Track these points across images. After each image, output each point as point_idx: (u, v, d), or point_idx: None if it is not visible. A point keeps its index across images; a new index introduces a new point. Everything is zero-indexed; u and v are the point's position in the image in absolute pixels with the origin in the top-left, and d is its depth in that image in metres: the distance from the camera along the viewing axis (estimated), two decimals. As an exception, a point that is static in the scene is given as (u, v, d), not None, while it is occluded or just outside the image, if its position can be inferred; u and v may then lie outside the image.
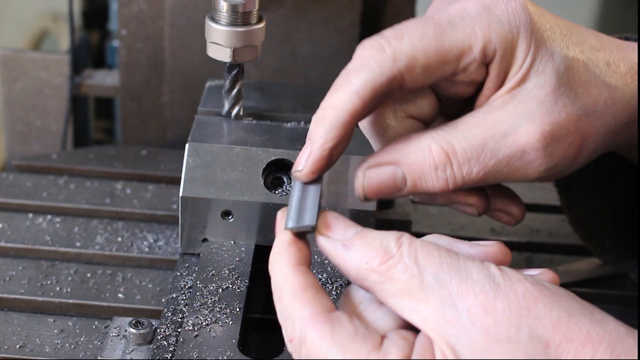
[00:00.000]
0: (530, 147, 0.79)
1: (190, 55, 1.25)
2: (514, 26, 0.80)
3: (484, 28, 0.80)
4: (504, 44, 0.80)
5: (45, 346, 0.93)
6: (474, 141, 0.79)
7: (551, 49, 0.81)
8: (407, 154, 0.80)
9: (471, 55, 0.80)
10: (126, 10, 1.25)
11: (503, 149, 0.79)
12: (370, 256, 0.74)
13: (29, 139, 1.33)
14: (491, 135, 0.79)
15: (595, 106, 0.81)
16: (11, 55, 1.30)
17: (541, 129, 0.79)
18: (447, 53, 0.79)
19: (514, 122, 0.79)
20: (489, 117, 0.80)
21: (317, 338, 0.72)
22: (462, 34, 0.80)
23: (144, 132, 1.31)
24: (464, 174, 0.80)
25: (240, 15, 0.97)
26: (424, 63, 0.79)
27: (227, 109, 1.02)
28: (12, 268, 1.03)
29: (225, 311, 0.89)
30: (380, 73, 0.78)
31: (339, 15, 1.23)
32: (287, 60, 1.25)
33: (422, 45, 0.79)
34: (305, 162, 0.80)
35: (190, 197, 0.96)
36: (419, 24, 0.80)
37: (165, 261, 1.05)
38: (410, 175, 0.80)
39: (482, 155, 0.79)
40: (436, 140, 0.80)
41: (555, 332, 0.70)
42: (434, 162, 0.79)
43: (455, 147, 0.79)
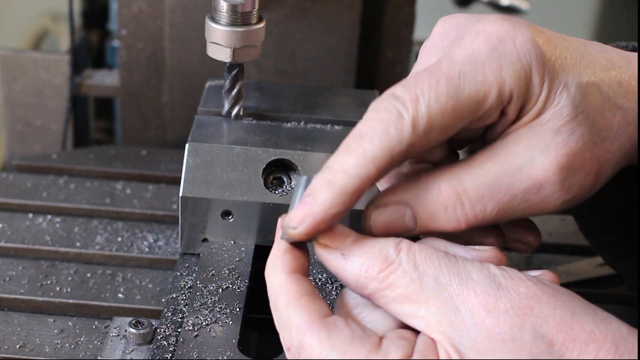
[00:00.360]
0: (547, 181, 0.76)
1: (190, 55, 1.25)
2: (525, 62, 0.77)
3: (495, 72, 0.76)
4: (518, 83, 0.76)
5: (45, 346, 0.93)
6: (486, 178, 0.76)
7: (565, 79, 0.77)
8: (415, 194, 0.77)
9: (487, 104, 0.76)
10: (126, 10, 1.25)
11: (518, 184, 0.76)
12: (370, 264, 0.74)
13: (29, 139, 1.33)
14: (504, 170, 0.76)
15: (609, 131, 0.79)
16: (11, 55, 1.30)
17: (557, 161, 0.76)
18: (463, 109, 0.75)
19: (528, 155, 0.76)
20: (501, 151, 0.77)
21: (315, 344, 0.72)
22: (475, 85, 0.76)
23: (144, 132, 1.31)
24: (477, 213, 0.77)
25: (240, 15, 0.97)
26: (442, 124, 0.75)
27: (227, 109, 1.02)
28: (12, 268, 1.03)
29: (225, 311, 0.89)
30: (400, 141, 0.74)
31: (339, 15, 1.23)
32: (287, 60, 1.25)
33: (439, 106, 0.75)
34: (302, 221, 0.75)
35: (190, 197, 0.96)
36: (431, 81, 0.75)
37: (165, 261, 1.05)
38: (420, 215, 0.77)
39: (496, 192, 0.76)
40: (446, 180, 0.77)
41: (559, 331, 0.69)
42: (443, 202, 0.76)
43: (466, 185, 0.76)
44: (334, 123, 1.02)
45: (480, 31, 0.78)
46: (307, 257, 0.78)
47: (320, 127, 1.01)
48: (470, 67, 0.76)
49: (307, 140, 0.98)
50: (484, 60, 0.76)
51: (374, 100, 0.77)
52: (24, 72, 1.30)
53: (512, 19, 0.79)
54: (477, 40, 0.77)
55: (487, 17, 0.80)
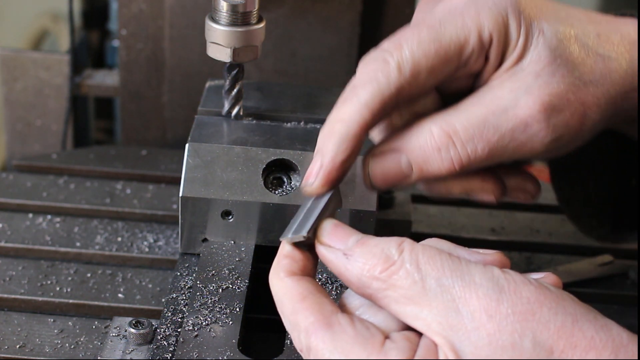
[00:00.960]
0: (532, 119, 0.80)
1: (190, 55, 1.25)
2: (501, 8, 0.81)
3: (473, 17, 0.81)
4: (496, 27, 0.81)
5: (45, 346, 0.93)
6: (475, 119, 0.80)
7: (540, 25, 0.82)
8: (408, 140, 0.81)
9: (469, 46, 0.81)
10: (126, 10, 1.25)
11: (505, 123, 0.80)
12: (372, 264, 0.74)
13: (29, 139, 1.33)
14: (491, 111, 0.80)
15: (592, 76, 0.82)
16: (11, 55, 1.30)
17: (541, 100, 0.80)
18: (446, 52, 0.80)
19: (513, 96, 0.81)
20: (487, 95, 0.82)
21: (320, 345, 0.73)
22: (455, 29, 0.81)
23: (144, 132, 1.31)
24: (468, 152, 0.80)
25: (240, 15, 0.97)
26: (428, 67, 0.80)
27: (227, 109, 1.02)
28: (12, 268, 1.03)
29: (225, 311, 0.89)
30: (388, 84, 0.79)
31: (339, 15, 1.23)
32: (287, 60, 1.25)
33: (422, 50, 0.80)
34: (316, 176, 0.80)
35: (190, 197, 0.96)
36: (413, 30, 0.81)
37: (165, 261, 1.05)
38: (414, 160, 0.81)
39: (485, 132, 0.80)
40: (436, 123, 0.81)
41: (559, 338, 0.69)
42: (435, 144, 0.80)
43: (456, 126, 0.80)
44: (334, 123, 1.02)
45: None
46: (310, 259, 0.78)
47: (320, 127, 1.01)
48: (450, 16, 0.82)
49: (307, 140, 0.98)
50: (462, 8, 0.82)
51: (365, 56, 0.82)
52: (24, 72, 1.30)
53: None
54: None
55: None
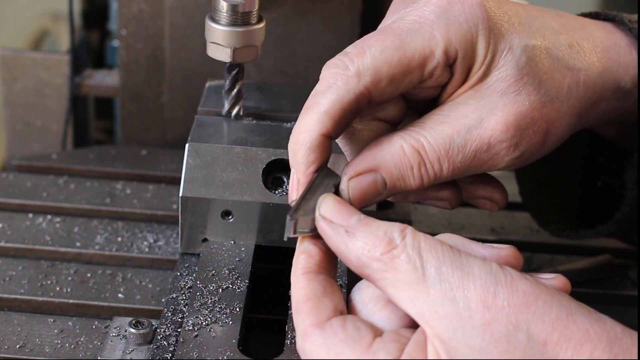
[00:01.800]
0: (495, 139, 0.80)
1: (190, 55, 1.25)
2: (472, 25, 0.81)
3: (442, 31, 0.81)
4: (464, 44, 0.81)
5: (45, 346, 0.93)
6: (441, 139, 0.81)
7: (510, 42, 0.82)
8: (383, 159, 0.81)
9: (434, 60, 0.80)
10: (126, 10, 1.25)
11: (469, 144, 0.81)
12: (373, 244, 0.74)
13: (29, 139, 1.33)
14: (456, 131, 0.81)
15: (559, 91, 0.83)
16: (11, 55, 1.30)
17: (505, 121, 0.80)
18: (409, 62, 0.80)
19: (477, 116, 0.81)
20: (452, 113, 0.82)
21: (313, 348, 0.75)
22: (422, 40, 0.80)
23: (143, 132, 1.31)
24: (435, 171, 0.81)
25: (240, 15, 0.97)
26: (389, 75, 0.80)
27: (227, 109, 1.02)
28: (12, 268, 1.03)
29: (225, 311, 0.89)
30: (347, 91, 0.79)
31: (339, 16, 1.23)
32: (287, 60, 1.25)
33: (384, 57, 0.80)
34: (293, 188, 0.81)
35: (190, 197, 0.96)
36: (379, 37, 0.81)
37: (165, 261, 1.05)
38: (390, 178, 0.81)
39: (450, 152, 0.81)
40: (406, 140, 0.81)
41: (553, 330, 0.70)
42: (409, 162, 0.81)
43: (424, 145, 0.81)
44: (334, 123, 1.02)
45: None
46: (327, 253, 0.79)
47: (320, 127, 1.01)
48: (418, 26, 0.81)
49: (307, 140, 0.98)
50: (433, 20, 0.81)
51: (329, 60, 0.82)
52: (24, 72, 1.30)
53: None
54: (429, 2, 0.82)
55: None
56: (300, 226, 0.79)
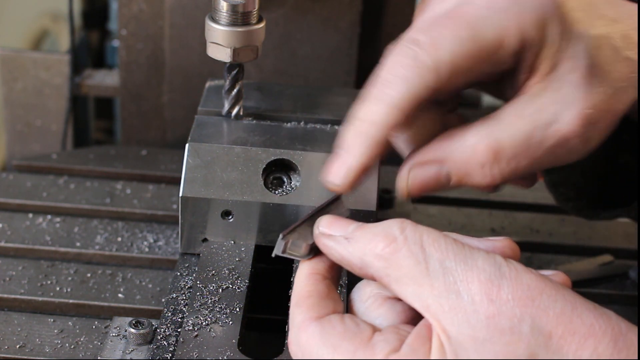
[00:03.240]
0: (573, 134, 0.79)
1: (190, 55, 1.25)
2: (542, 12, 0.78)
3: (516, 17, 0.78)
4: (535, 32, 0.78)
5: (45, 346, 0.93)
6: (520, 136, 0.78)
7: (578, 31, 0.79)
8: (452, 153, 0.79)
9: (506, 49, 0.78)
10: (126, 10, 1.25)
11: (548, 139, 0.78)
12: (374, 242, 0.74)
13: (29, 139, 1.33)
14: (535, 127, 0.78)
15: (621, 82, 0.81)
16: (11, 55, 1.30)
17: (580, 115, 0.78)
18: (482, 53, 0.77)
19: (554, 110, 0.78)
20: (529, 107, 0.79)
21: (309, 340, 0.74)
22: (494, 30, 0.77)
23: (144, 132, 1.31)
24: (512, 168, 0.79)
25: (240, 15, 0.97)
26: (464, 69, 0.77)
27: (227, 109, 1.02)
28: (12, 268, 1.03)
29: (225, 311, 0.89)
30: (425, 87, 0.76)
31: (339, 15, 1.23)
32: (287, 60, 1.25)
33: (461, 51, 0.76)
34: (344, 175, 0.78)
35: (190, 197, 0.96)
36: (451, 25, 0.77)
37: (165, 261, 1.05)
38: (456, 172, 0.79)
39: (530, 149, 0.78)
40: (482, 138, 0.78)
41: (558, 324, 0.70)
42: (480, 160, 0.78)
43: (502, 144, 0.78)
44: (334, 123, 1.02)
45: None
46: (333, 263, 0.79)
47: (320, 127, 1.01)
48: (491, 12, 0.78)
49: (307, 140, 0.98)
50: (504, 7, 0.78)
51: (393, 45, 0.78)
52: (24, 72, 1.30)
53: None
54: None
55: None
56: (291, 248, 0.78)
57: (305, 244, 0.78)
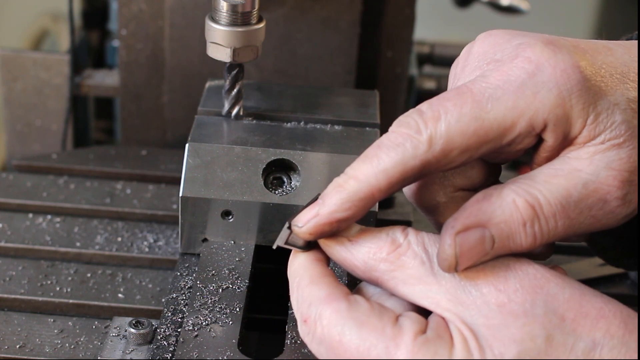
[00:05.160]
0: (611, 196, 0.75)
1: (190, 55, 1.25)
2: (564, 89, 0.75)
3: (528, 100, 0.75)
4: (554, 112, 0.75)
5: (45, 346, 0.93)
6: (558, 193, 0.75)
7: (614, 98, 0.76)
8: (493, 213, 0.74)
9: (515, 131, 0.75)
10: (126, 10, 1.25)
11: (585, 198, 0.75)
12: (378, 246, 0.75)
13: (29, 139, 1.33)
14: (573, 184, 0.75)
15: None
16: (11, 55, 1.30)
17: (621, 176, 0.75)
18: (486, 133, 0.75)
19: (592, 170, 0.75)
20: (565, 166, 0.76)
21: (334, 314, 0.73)
22: (503, 110, 0.74)
23: (144, 132, 1.31)
24: (550, 228, 0.75)
25: (240, 15, 0.97)
26: (462, 146, 0.75)
27: (227, 109, 1.02)
28: (12, 268, 1.03)
29: (225, 311, 0.89)
30: (414, 156, 0.74)
31: (339, 16, 1.23)
32: (287, 60, 1.25)
33: (460, 127, 0.74)
34: (307, 221, 0.76)
35: (190, 197, 0.96)
36: (457, 100, 0.75)
37: (165, 261, 1.05)
38: (499, 235, 0.74)
39: (567, 207, 0.75)
40: (519, 194, 0.75)
41: (569, 308, 0.71)
42: (521, 218, 0.74)
43: (540, 200, 0.75)
44: (334, 123, 1.02)
45: (519, 55, 0.76)
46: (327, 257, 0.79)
47: (320, 127, 1.01)
48: (502, 92, 0.75)
49: (307, 140, 0.98)
50: (518, 86, 0.75)
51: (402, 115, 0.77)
52: (24, 72, 1.29)
53: (553, 42, 0.77)
54: (515, 65, 0.76)
55: (528, 39, 0.78)
56: (293, 239, 0.78)
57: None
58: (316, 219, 0.76)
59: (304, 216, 0.76)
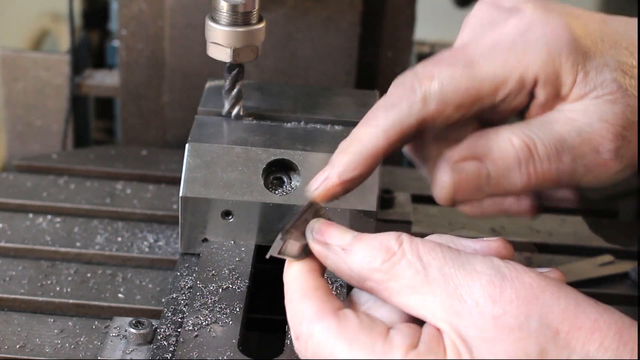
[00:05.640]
0: (604, 148, 0.78)
1: (190, 56, 1.25)
2: (553, 49, 0.78)
3: (518, 57, 0.78)
4: (544, 69, 0.78)
5: (45, 346, 0.93)
6: (552, 137, 0.78)
7: (604, 60, 0.79)
8: (490, 148, 0.78)
9: (506, 87, 0.78)
10: (126, 11, 1.25)
11: (579, 146, 0.78)
12: (372, 255, 0.74)
13: (29, 139, 1.33)
14: (567, 130, 0.78)
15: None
16: (11, 55, 1.30)
17: (615, 129, 0.78)
18: (479, 90, 0.78)
19: (587, 120, 0.78)
20: (561, 116, 0.79)
21: (324, 332, 0.73)
22: (494, 67, 0.78)
23: (144, 132, 1.31)
24: (544, 170, 0.78)
25: (240, 15, 0.97)
26: (455, 103, 0.78)
27: (227, 109, 1.02)
28: (12, 268, 1.03)
29: (226, 311, 0.89)
30: (409, 115, 0.78)
31: (340, 16, 1.23)
32: (288, 60, 1.25)
33: (452, 86, 0.78)
34: (320, 184, 0.80)
35: (190, 197, 0.96)
36: (451, 60, 0.79)
37: (165, 261, 1.05)
38: (495, 170, 0.78)
39: (561, 151, 0.78)
40: (516, 134, 0.78)
41: (564, 320, 0.70)
42: (517, 156, 0.78)
43: (535, 140, 0.78)
44: (334, 123, 1.02)
45: (511, 16, 0.80)
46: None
47: (320, 127, 1.01)
48: (493, 51, 0.78)
49: (307, 140, 0.98)
50: (509, 44, 0.78)
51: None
52: (25, 72, 1.30)
53: (546, 5, 0.80)
54: (507, 25, 0.79)
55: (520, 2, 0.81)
56: (287, 249, 0.78)
57: (299, 244, 0.78)
58: (327, 181, 0.79)
59: (316, 180, 0.80)
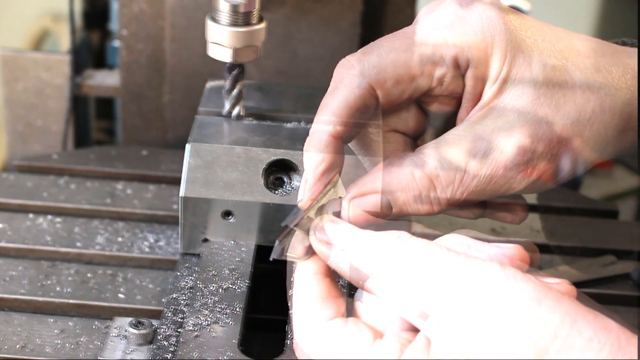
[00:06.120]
0: (512, 163, 0.79)
1: (190, 56, 1.25)
2: (487, 35, 0.80)
3: (455, 37, 0.80)
4: (477, 53, 0.79)
5: (45, 346, 0.93)
6: (455, 163, 0.79)
7: (529, 58, 0.80)
8: (390, 182, 0.80)
9: (443, 65, 0.80)
10: (127, 11, 1.25)
11: (484, 169, 0.79)
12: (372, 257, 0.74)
13: (29, 139, 1.33)
14: (472, 154, 0.79)
15: (581, 115, 0.80)
16: (12, 56, 1.30)
17: (521, 143, 0.78)
18: (416, 64, 0.79)
19: (493, 138, 0.79)
20: (468, 134, 0.80)
21: (310, 344, 0.74)
22: (433, 44, 0.80)
23: (144, 132, 1.31)
24: (448, 197, 0.80)
25: (241, 15, 0.97)
26: (394, 75, 0.79)
27: (227, 109, 1.02)
28: (13, 268, 1.03)
29: (226, 311, 0.89)
30: (352, 90, 0.79)
31: (340, 16, 1.23)
32: (288, 60, 1.25)
33: (391, 58, 0.79)
34: (303, 192, 0.81)
35: (191, 197, 0.96)
36: (391, 38, 0.81)
37: (165, 261, 1.05)
38: (395, 202, 0.80)
39: (464, 177, 0.79)
40: (418, 166, 0.80)
41: (556, 338, 0.69)
42: (417, 188, 0.80)
43: (438, 171, 0.79)
44: (335, 123, 1.02)
45: (452, 2, 0.82)
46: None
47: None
48: (432, 30, 0.80)
49: (308, 141, 0.98)
50: (447, 26, 0.80)
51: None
52: (25, 73, 1.30)
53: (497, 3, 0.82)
54: (447, 9, 0.81)
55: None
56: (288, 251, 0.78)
57: (302, 245, 0.78)
58: (307, 183, 0.80)
59: (300, 191, 0.81)
